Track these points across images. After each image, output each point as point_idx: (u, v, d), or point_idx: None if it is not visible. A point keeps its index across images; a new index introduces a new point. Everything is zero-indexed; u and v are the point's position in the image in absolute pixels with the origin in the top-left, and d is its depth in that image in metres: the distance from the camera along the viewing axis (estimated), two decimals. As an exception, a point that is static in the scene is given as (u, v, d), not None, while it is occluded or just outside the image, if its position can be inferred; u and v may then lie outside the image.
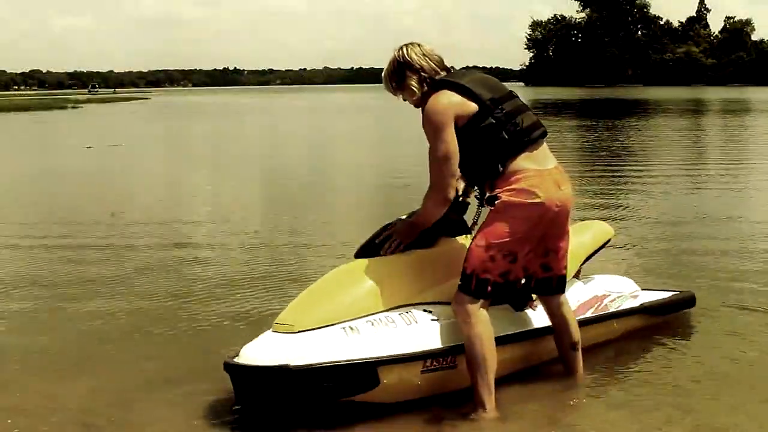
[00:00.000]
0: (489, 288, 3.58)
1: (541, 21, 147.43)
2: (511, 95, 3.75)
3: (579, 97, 61.84)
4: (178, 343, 4.64)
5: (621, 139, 20.53)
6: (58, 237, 7.96)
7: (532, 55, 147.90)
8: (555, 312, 3.91)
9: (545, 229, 3.66)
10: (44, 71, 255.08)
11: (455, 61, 4.02)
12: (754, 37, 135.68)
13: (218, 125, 33.10)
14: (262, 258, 6.83)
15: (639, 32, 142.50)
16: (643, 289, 4.84)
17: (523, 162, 3.59)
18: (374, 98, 69.69)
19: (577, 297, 4.29)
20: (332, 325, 3.54)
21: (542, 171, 3.61)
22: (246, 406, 3.58)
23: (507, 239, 3.55)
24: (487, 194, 3.67)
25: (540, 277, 3.81)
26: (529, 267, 3.73)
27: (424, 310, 3.71)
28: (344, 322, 3.55)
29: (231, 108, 53.99)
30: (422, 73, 3.71)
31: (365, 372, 3.46)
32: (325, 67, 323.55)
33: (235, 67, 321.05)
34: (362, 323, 3.57)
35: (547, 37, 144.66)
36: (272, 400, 3.46)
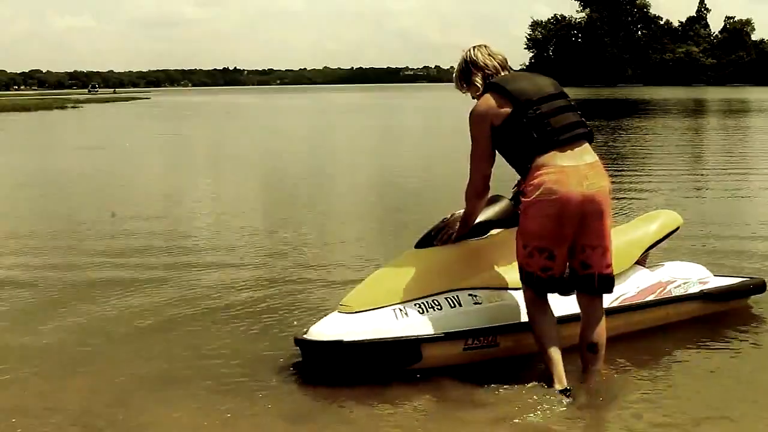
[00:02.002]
0: (534, 281, 3.83)
1: (541, 21, 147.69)
2: (554, 97, 3.88)
3: (580, 97, 61.80)
4: (178, 343, 4.64)
5: (656, 141, 20.51)
6: (58, 237, 7.97)
7: (532, 55, 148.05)
8: (586, 310, 3.93)
9: (574, 225, 3.71)
10: (44, 71, 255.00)
11: (455, 60, 4.19)
12: (754, 37, 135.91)
13: (227, 126, 33.08)
14: (264, 259, 6.82)
15: (639, 32, 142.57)
16: (715, 275, 5.00)
17: (548, 159, 3.70)
18: (375, 98, 69.73)
19: (637, 283, 4.58)
20: (385, 306, 3.99)
21: (566, 167, 3.68)
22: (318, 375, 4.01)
23: (536, 237, 3.75)
24: (514, 190, 3.95)
25: (581, 275, 3.85)
26: (570, 263, 3.86)
27: (469, 295, 4.08)
28: (396, 304, 4.00)
29: (234, 108, 53.93)
30: (486, 71, 3.98)
31: (409, 348, 3.93)
32: (325, 67, 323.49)
33: (235, 67, 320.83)
34: (411, 306, 4.00)
35: (547, 37, 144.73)
36: (332, 369, 3.97)
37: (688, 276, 4.83)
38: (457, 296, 4.07)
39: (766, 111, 36.59)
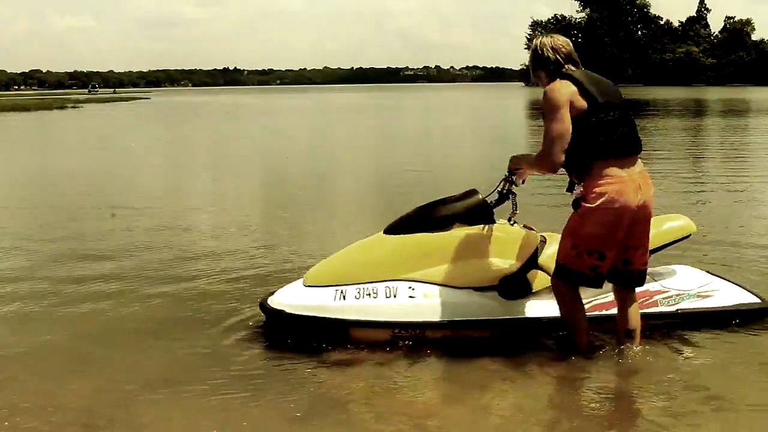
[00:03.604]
0: (579, 278, 4.07)
1: (541, 21, 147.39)
2: (624, 106, 4.10)
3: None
4: (178, 343, 4.64)
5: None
6: (58, 237, 7.96)
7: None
8: (623, 301, 4.24)
9: (627, 229, 4.00)
10: (44, 71, 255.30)
11: (455, 61, 4.28)
12: (754, 37, 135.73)
13: (228, 126, 33.07)
14: (265, 260, 6.81)
15: (639, 32, 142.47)
16: (729, 281, 4.88)
17: (611, 168, 3.94)
18: (375, 98, 69.71)
19: None
20: (330, 286, 4.43)
21: (624, 177, 3.94)
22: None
23: (591, 240, 3.97)
24: (573, 196, 4.06)
25: (620, 269, 4.14)
26: (614, 262, 4.09)
27: (408, 287, 4.38)
28: (340, 285, 4.42)
29: (234, 108, 53.92)
30: (559, 56, 4.10)
31: (338, 327, 4.36)
32: (325, 67, 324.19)
33: (235, 67, 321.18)
34: (351, 289, 4.40)
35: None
36: (279, 334, 4.46)
37: (684, 287, 4.68)
38: (395, 287, 4.39)
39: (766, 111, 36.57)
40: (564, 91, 3.96)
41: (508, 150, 5.21)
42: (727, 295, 4.75)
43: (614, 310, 4.32)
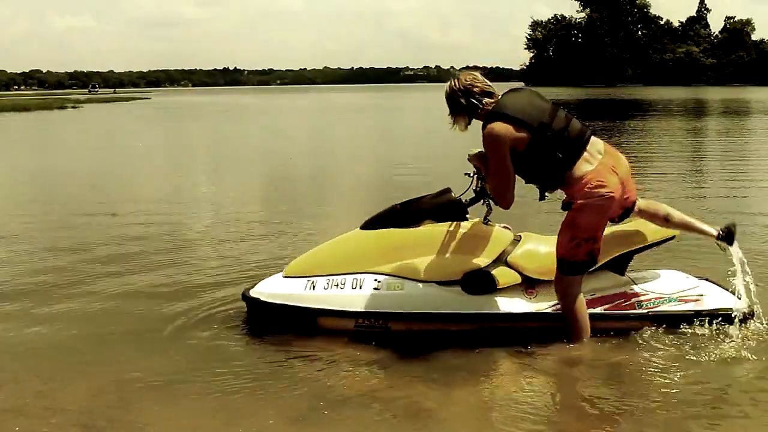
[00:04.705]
0: (579, 266, 4.24)
1: (541, 21, 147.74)
2: (555, 110, 4.24)
3: (583, 96, 61.84)
4: (178, 342, 4.64)
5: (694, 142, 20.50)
6: (58, 237, 7.96)
7: (532, 55, 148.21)
8: (642, 215, 4.54)
9: (618, 201, 4.25)
10: (44, 71, 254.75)
11: (455, 61, 4.28)
12: (754, 37, 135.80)
13: (228, 126, 33.08)
14: (265, 259, 6.81)
15: (639, 32, 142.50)
16: (712, 282, 4.81)
17: (583, 166, 4.17)
18: (375, 98, 69.74)
19: (594, 290, 4.53)
20: (303, 277, 4.70)
21: (598, 167, 4.17)
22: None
23: (587, 229, 4.17)
24: (563, 201, 4.26)
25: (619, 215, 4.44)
26: None
27: (374, 279, 4.57)
28: (312, 276, 4.67)
29: (235, 109, 53.91)
30: (473, 98, 4.23)
31: (306, 316, 4.60)
32: (325, 67, 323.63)
33: (235, 67, 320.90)
34: (321, 280, 4.64)
35: (547, 37, 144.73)
36: (256, 320, 4.79)
37: (665, 291, 4.63)
38: (362, 279, 4.59)
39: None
40: (504, 134, 4.09)
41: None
42: (712, 299, 4.64)
43: (604, 310, 4.50)
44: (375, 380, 4.03)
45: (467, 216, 4.68)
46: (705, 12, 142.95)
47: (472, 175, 4.62)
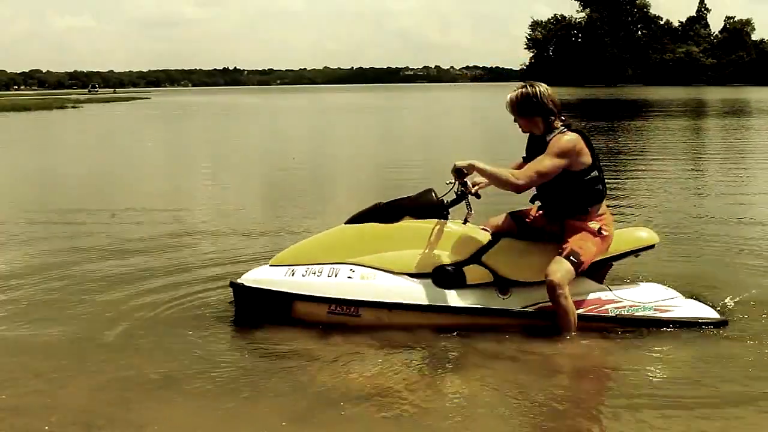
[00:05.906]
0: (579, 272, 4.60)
1: (541, 21, 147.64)
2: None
3: (583, 96, 61.79)
4: (178, 342, 4.64)
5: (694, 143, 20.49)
6: (57, 236, 7.96)
7: (532, 55, 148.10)
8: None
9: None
10: (44, 71, 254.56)
11: (455, 61, 4.27)
12: (754, 37, 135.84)
13: (228, 126, 33.07)
14: (265, 259, 6.80)
15: (639, 32, 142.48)
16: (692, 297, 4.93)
17: (603, 207, 4.70)
18: (375, 98, 69.74)
19: (585, 295, 4.68)
20: (285, 265, 4.89)
21: (608, 213, 4.75)
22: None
23: (588, 258, 4.56)
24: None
25: None
26: None
27: (349, 269, 4.76)
28: (293, 265, 4.87)
29: (235, 109, 53.91)
30: (555, 107, 4.64)
31: (283, 301, 4.78)
32: (325, 67, 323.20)
33: (235, 67, 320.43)
34: (300, 269, 4.83)
35: (547, 37, 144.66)
36: (242, 307, 4.95)
37: (641, 299, 4.73)
38: (338, 268, 4.78)
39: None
40: (577, 145, 4.51)
41: (507, 150, 5.27)
42: (686, 310, 4.75)
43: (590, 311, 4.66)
44: (375, 380, 4.03)
45: (448, 216, 4.86)
46: (705, 12, 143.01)
47: (453, 181, 4.79)
